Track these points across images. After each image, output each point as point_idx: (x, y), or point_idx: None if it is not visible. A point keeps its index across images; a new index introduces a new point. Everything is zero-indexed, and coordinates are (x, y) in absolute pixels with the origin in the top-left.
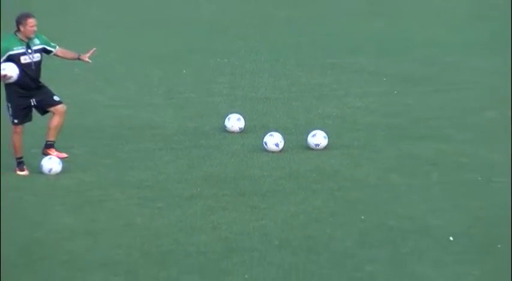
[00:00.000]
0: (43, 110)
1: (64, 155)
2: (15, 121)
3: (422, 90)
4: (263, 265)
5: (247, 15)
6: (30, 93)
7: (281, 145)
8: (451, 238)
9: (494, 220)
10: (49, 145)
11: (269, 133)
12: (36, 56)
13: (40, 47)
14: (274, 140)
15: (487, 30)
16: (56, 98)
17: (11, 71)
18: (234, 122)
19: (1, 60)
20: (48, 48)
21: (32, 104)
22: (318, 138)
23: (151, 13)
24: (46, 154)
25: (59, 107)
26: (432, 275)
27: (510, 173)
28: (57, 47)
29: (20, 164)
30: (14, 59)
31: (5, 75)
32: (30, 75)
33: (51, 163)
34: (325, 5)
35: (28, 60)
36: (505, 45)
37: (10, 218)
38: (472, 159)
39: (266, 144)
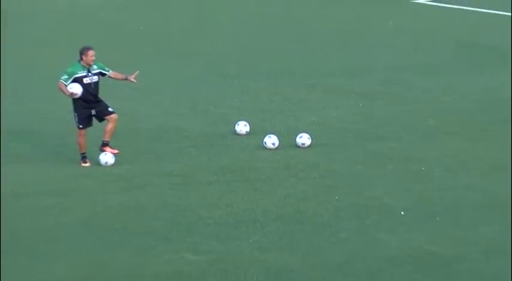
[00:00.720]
0: (100, 118)
1: (116, 151)
2: (80, 126)
3: (381, 103)
4: (263, 232)
5: (251, 48)
6: (91, 106)
7: (277, 144)
8: (402, 213)
9: (434, 199)
10: (105, 144)
11: (268, 135)
12: (95, 78)
13: (97, 71)
14: (271, 141)
15: (432, 56)
16: (110, 109)
17: (77, 89)
18: (242, 127)
19: (69, 82)
20: (103, 71)
21: (92, 113)
22: (303, 139)
23: (178, 46)
24: (102, 151)
25: (113, 115)
26: (388, 240)
27: (444, 165)
28: (110, 70)
29: (84, 158)
30: (78, 80)
31: (71, 93)
32: (90, 92)
33: (107, 157)
34: (307, 39)
35: (89, 81)
36: (446, 68)
37: (77, 197)
38: (417, 154)
39: (265, 143)
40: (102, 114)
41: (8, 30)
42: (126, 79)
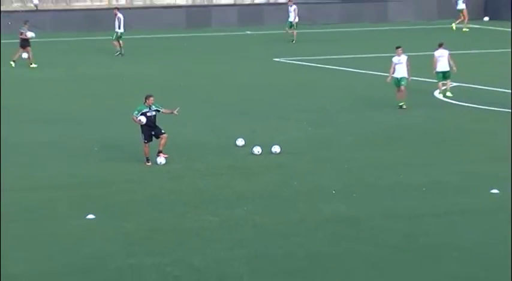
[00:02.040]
0: (157, 136)
1: (166, 155)
2: (145, 141)
3: (319, 127)
4: (253, 204)
5: (251, 98)
6: (151, 129)
7: (260, 152)
8: (333, 191)
9: (352, 182)
10: (159, 151)
11: (254, 146)
12: (154, 113)
13: (155, 109)
14: (257, 150)
15: (349, 100)
16: (163, 131)
17: (143, 119)
18: (240, 141)
19: (138, 115)
20: (158, 109)
21: (152, 133)
22: (275, 148)
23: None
24: (158, 156)
25: (164, 135)
26: (324, 208)
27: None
28: (163, 109)
29: (148, 160)
30: (144, 114)
31: (139, 120)
32: (151, 121)
33: (161, 159)
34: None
35: (150, 115)
36: (361, 107)
37: (143, 183)
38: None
39: (253, 151)
40: (158, 134)
41: (96, 89)
42: (172, 113)
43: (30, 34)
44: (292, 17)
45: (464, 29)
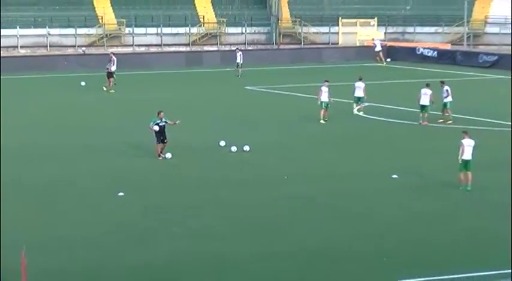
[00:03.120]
0: (163, 141)
1: (169, 155)
2: (158, 142)
3: (279, 134)
4: (245, 185)
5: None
6: (161, 135)
7: (235, 150)
8: (285, 177)
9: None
10: (162, 150)
11: (232, 146)
12: (163, 123)
13: (164, 121)
14: (233, 148)
15: (306, 132)
16: (166, 139)
17: (156, 128)
18: (222, 143)
19: (153, 124)
20: (167, 121)
21: (162, 138)
22: (246, 147)
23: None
24: (163, 153)
25: (166, 141)
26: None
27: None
28: (169, 121)
29: (159, 155)
30: (157, 124)
31: (154, 129)
32: (162, 129)
33: (168, 155)
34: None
35: (161, 125)
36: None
37: (156, 170)
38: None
39: (231, 150)
40: (164, 140)
41: (129, 108)
42: (174, 124)
43: (113, 68)
44: (239, 59)
45: (382, 65)
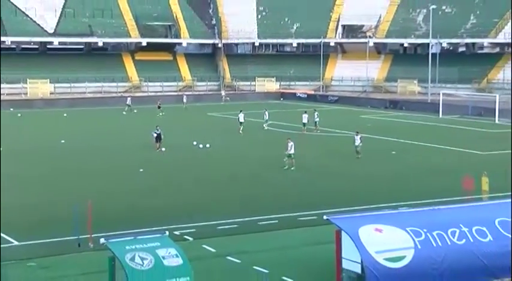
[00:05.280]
0: (159, 140)
1: (163, 149)
2: (156, 142)
3: (228, 139)
4: (238, 177)
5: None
6: (158, 138)
7: (202, 146)
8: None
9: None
10: (159, 147)
11: (206, 144)
12: (159, 132)
13: (159, 131)
14: (202, 146)
15: (274, 152)
16: (162, 138)
17: (155, 135)
18: (195, 142)
19: (153, 132)
20: (160, 131)
21: (158, 140)
22: (207, 145)
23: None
24: (160, 148)
25: (161, 140)
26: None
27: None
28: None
29: (158, 149)
30: (155, 132)
31: (154, 135)
32: (158, 136)
33: (164, 149)
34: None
35: (158, 133)
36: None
37: (154, 161)
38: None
39: (199, 146)
40: (160, 140)
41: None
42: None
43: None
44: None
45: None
